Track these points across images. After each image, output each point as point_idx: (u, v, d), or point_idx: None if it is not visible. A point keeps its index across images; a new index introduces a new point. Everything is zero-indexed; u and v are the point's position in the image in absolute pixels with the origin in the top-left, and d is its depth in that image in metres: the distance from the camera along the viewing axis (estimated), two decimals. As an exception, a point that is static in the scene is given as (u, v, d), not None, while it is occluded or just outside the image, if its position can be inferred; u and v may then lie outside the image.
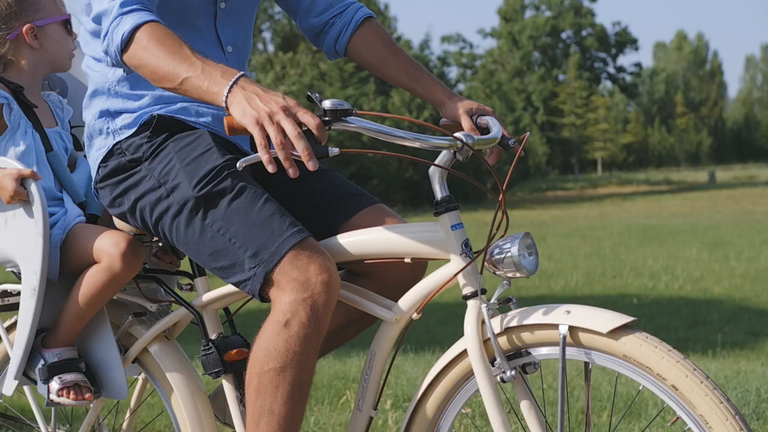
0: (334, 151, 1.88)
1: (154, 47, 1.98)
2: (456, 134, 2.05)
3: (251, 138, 2.33)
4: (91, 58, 2.33)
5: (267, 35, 45.16)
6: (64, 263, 2.43)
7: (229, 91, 1.89)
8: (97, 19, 2.09)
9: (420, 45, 32.70)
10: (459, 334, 2.08)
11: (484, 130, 2.24)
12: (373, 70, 2.47)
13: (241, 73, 1.91)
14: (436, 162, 2.07)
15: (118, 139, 2.26)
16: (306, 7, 2.47)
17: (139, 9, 2.04)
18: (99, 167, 2.30)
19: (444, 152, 2.07)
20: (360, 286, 2.25)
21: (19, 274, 2.45)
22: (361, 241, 2.15)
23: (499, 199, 2.02)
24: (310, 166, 1.81)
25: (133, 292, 2.51)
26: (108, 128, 2.28)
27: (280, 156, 1.81)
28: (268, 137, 1.84)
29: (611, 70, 73.03)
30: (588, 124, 68.60)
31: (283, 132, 1.81)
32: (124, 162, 2.24)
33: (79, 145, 2.69)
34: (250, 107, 1.84)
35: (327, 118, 1.90)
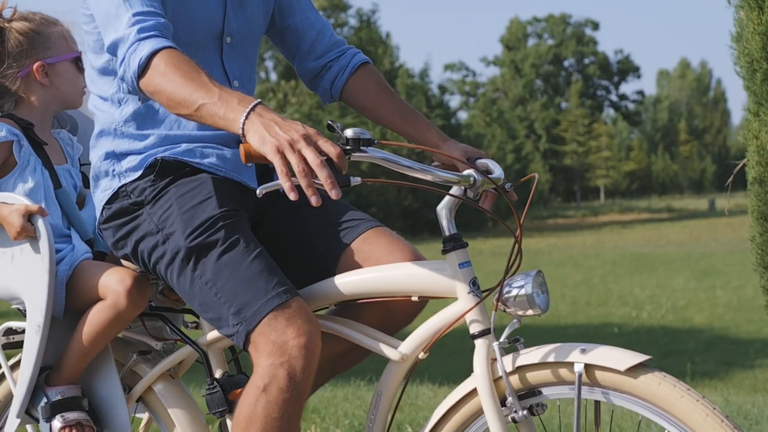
0: (356, 180, 1.86)
1: (171, 73, 1.97)
2: (467, 171, 2.06)
3: (255, 167, 2.33)
4: (98, 97, 2.34)
5: (269, 64, 45.52)
6: (70, 300, 2.41)
7: (246, 118, 1.86)
8: (113, 47, 2.08)
9: (419, 73, 32.87)
10: (466, 368, 2.06)
11: (485, 172, 2.21)
12: (367, 113, 2.48)
13: (258, 100, 1.89)
14: (446, 199, 2.06)
15: (123, 181, 2.26)
16: (305, 51, 2.49)
17: (156, 35, 2.04)
18: (103, 209, 2.31)
19: (455, 188, 2.07)
20: (366, 317, 2.25)
21: (25, 311, 2.43)
22: (368, 279, 2.14)
23: (516, 235, 2.03)
24: (333, 194, 1.77)
25: (138, 330, 2.49)
26: (114, 170, 2.29)
27: (303, 184, 1.78)
28: (288, 165, 1.81)
29: (614, 97, 73.31)
30: (590, 152, 68.70)
31: (304, 160, 1.79)
32: (127, 205, 2.25)
33: (88, 183, 2.65)
34: (270, 135, 1.82)
35: (348, 147, 1.89)
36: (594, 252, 24.47)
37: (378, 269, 2.15)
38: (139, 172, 2.24)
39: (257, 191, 1.90)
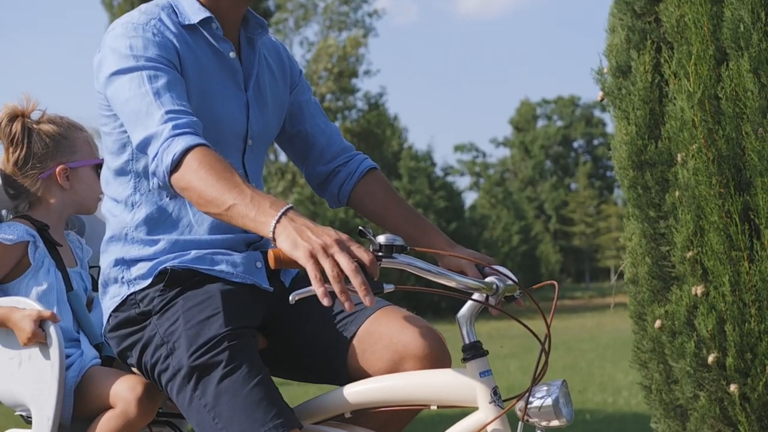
0: (389, 287, 1.85)
1: (204, 171, 1.97)
2: (490, 278, 2.09)
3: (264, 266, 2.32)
4: (111, 200, 2.34)
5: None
6: (78, 407, 2.38)
7: (278, 222, 1.85)
8: (144, 144, 2.09)
9: (422, 156, 33.19)
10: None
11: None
12: (374, 217, 2.49)
13: (290, 205, 1.88)
14: (466, 306, 2.07)
15: (132, 289, 2.25)
16: (314, 157, 2.52)
17: (190, 133, 2.05)
18: (110, 316, 2.30)
19: (476, 295, 2.08)
20: (373, 421, 2.26)
21: (29, 417, 2.39)
22: (384, 387, 2.14)
23: (543, 342, 2.04)
24: (367, 301, 1.75)
25: None
26: (123, 277, 2.28)
27: (337, 290, 1.76)
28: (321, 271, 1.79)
29: (623, 178, 73.56)
30: (599, 233, 68.68)
31: (338, 265, 1.76)
32: (134, 314, 2.24)
33: (96, 285, 2.66)
34: (302, 239, 1.80)
35: (380, 254, 1.88)
36: (590, 335, 24.39)
37: (394, 378, 2.15)
38: (149, 281, 2.24)
39: (290, 298, 1.88)
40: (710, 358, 3.03)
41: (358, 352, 2.25)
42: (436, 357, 2.22)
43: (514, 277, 2.15)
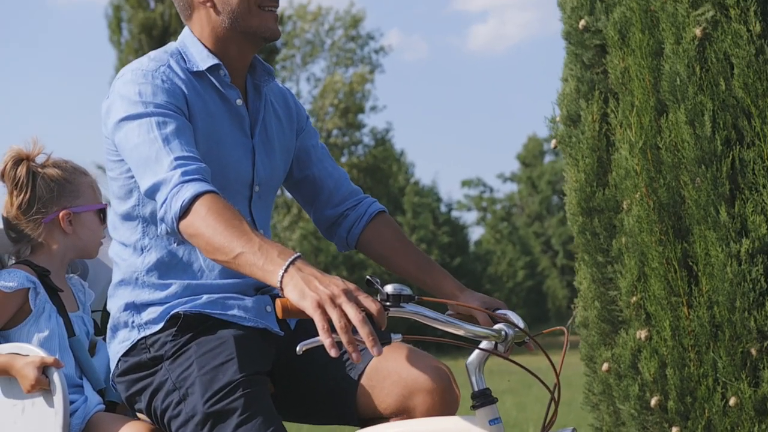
0: (396, 337, 1.85)
1: (213, 219, 1.97)
2: (498, 325, 2.09)
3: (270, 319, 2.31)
4: (120, 244, 2.33)
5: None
6: None
7: (286, 271, 1.84)
8: (153, 190, 2.08)
9: (426, 191, 33.31)
10: None
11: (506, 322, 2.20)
12: (383, 261, 2.49)
13: (298, 254, 1.88)
14: (475, 354, 2.08)
15: (143, 334, 2.24)
16: (322, 201, 2.52)
17: (199, 179, 2.05)
18: (119, 361, 2.28)
19: (484, 342, 2.08)
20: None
21: None
22: None
23: (553, 391, 2.05)
24: (375, 352, 1.74)
25: None
26: (133, 321, 2.27)
27: (344, 340, 1.75)
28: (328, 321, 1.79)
29: (631, 214, 73.40)
30: (607, 268, 68.43)
31: (345, 316, 1.76)
32: (145, 359, 2.22)
33: (98, 329, 2.67)
34: (310, 289, 1.79)
35: (388, 303, 1.88)
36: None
37: (404, 425, 2.15)
38: (160, 325, 2.23)
39: (297, 349, 1.87)
40: (653, 401, 3.11)
41: (368, 390, 2.25)
42: (445, 390, 2.23)
43: (522, 324, 2.16)
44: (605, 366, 3.27)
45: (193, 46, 2.31)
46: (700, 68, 2.95)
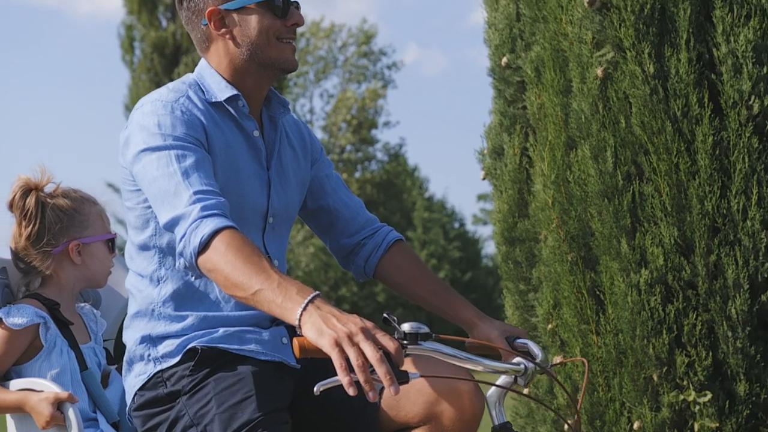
0: (414, 376, 1.84)
1: (232, 254, 1.96)
2: (517, 359, 2.09)
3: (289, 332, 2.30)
4: (136, 275, 2.32)
5: (299, 195, 46.23)
6: None
7: (304, 309, 1.83)
8: (172, 224, 2.08)
9: (436, 206, 33.42)
10: None
11: (524, 353, 2.22)
12: (402, 289, 2.48)
13: (317, 292, 1.87)
14: (498, 383, 2.11)
15: (159, 367, 2.23)
16: (339, 229, 2.51)
17: (218, 214, 2.04)
18: (136, 395, 2.26)
19: (503, 377, 2.10)
20: None
21: None
22: None
23: (573, 426, 2.12)
24: (392, 391, 1.73)
25: None
26: (149, 354, 2.26)
27: (361, 379, 1.74)
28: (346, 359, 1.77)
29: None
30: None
31: (363, 354, 1.75)
32: (163, 394, 2.21)
33: (111, 359, 2.65)
34: (327, 327, 1.78)
35: (405, 342, 1.88)
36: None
37: None
38: (177, 358, 2.22)
39: (315, 390, 1.85)
40: (566, 426, 3.23)
41: (392, 401, 2.25)
42: (472, 393, 2.23)
43: (541, 354, 2.17)
44: (526, 390, 3.40)
45: (211, 78, 2.32)
46: (602, 106, 3.09)
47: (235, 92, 2.29)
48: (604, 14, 3.07)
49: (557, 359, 2.68)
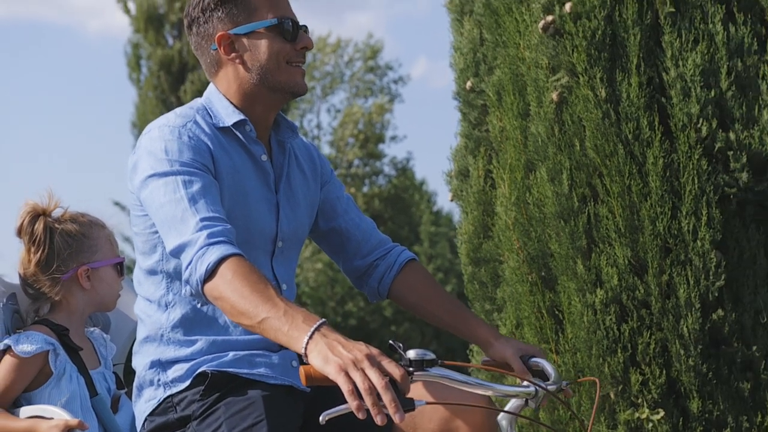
0: (420, 403, 1.83)
1: (239, 282, 1.97)
2: (527, 381, 2.11)
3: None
4: (144, 300, 2.32)
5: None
6: None
7: (310, 337, 1.84)
8: (178, 250, 2.08)
9: (443, 220, 33.46)
10: None
11: (539, 372, 2.23)
12: (416, 309, 2.48)
13: (323, 320, 1.87)
14: (507, 408, 2.12)
15: (169, 392, 2.23)
16: (352, 251, 2.51)
17: (225, 242, 2.04)
18: (146, 420, 2.26)
19: (514, 401, 2.11)
20: None
21: None
22: None
23: None
24: (397, 418, 1.73)
25: None
26: (159, 380, 2.25)
27: (368, 402, 1.74)
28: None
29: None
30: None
31: (369, 379, 1.75)
32: (173, 419, 2.21)
33: (121, 383, 2.65)
34: (333, 354, 1.79)
35: (411, 369, 1.88)
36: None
37: None
38: (187, 383, 2.22)
39: (320, 419, 1.84)
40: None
41: (408, 419, 2.17)
42: (486, 412, 2.24)
43: (554, 373, 2.19)
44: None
45: (219, 102, 2.32)
46: (558, 130, 3.16)
47: (242, 117, 2.30)
48: (557, 40, 3.14)
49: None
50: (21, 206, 2.59)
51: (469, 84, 3.63)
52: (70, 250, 2.54)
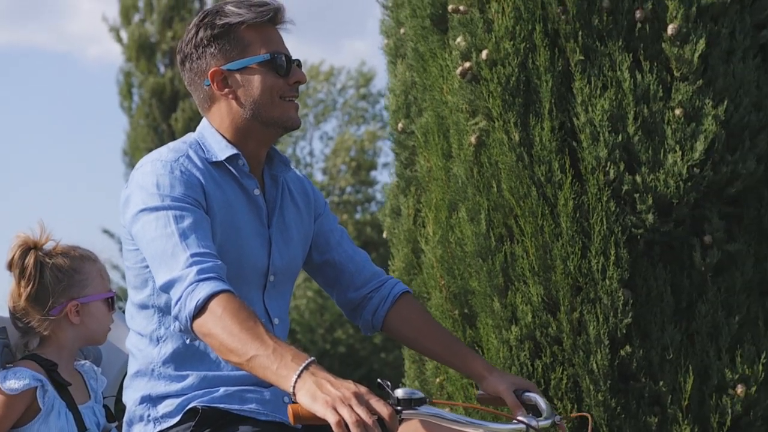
0: None
1: (228, 319, 1.97)
2: (519, 418, 2.12)
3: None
4: (136, 334, 2.32)
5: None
6: None
7: (299, 376, 1.85)
8: (168, 286, 2.08)
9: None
10: None
11: (531, 406, 2.25)
12: (410, 342, 2.51)
13: (312, 358, 1.88)
14: None
15: (159, 428, 2.22)
16: (345, 283, 2.51)
17: (215, 278, 2.05)
18: None
19: None
20: None
21: None
22: None
23: None
24: None
25: None
26: (149, 415, 2.25)
27: None
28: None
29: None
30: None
31: (357, 414, 1.77)
32: None
33: (111, 416, 2.64)
34: (322, 392, 1.81)
35: (399, 408, 1.88)
36: None
37: None
38: (177, 418, 2.21)
39: None
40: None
41: None
42: None
43: (547, 410, 2.21)
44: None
45: (212, 137, 2.33)
46: (477, 171, 3.27)
47: (235, 151, 2.31)
48: (475, 85, 3.25)
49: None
50: (12, 239, 2.58)
51: (400, 125, 3.75)
52: (60, 285, 2.53)
